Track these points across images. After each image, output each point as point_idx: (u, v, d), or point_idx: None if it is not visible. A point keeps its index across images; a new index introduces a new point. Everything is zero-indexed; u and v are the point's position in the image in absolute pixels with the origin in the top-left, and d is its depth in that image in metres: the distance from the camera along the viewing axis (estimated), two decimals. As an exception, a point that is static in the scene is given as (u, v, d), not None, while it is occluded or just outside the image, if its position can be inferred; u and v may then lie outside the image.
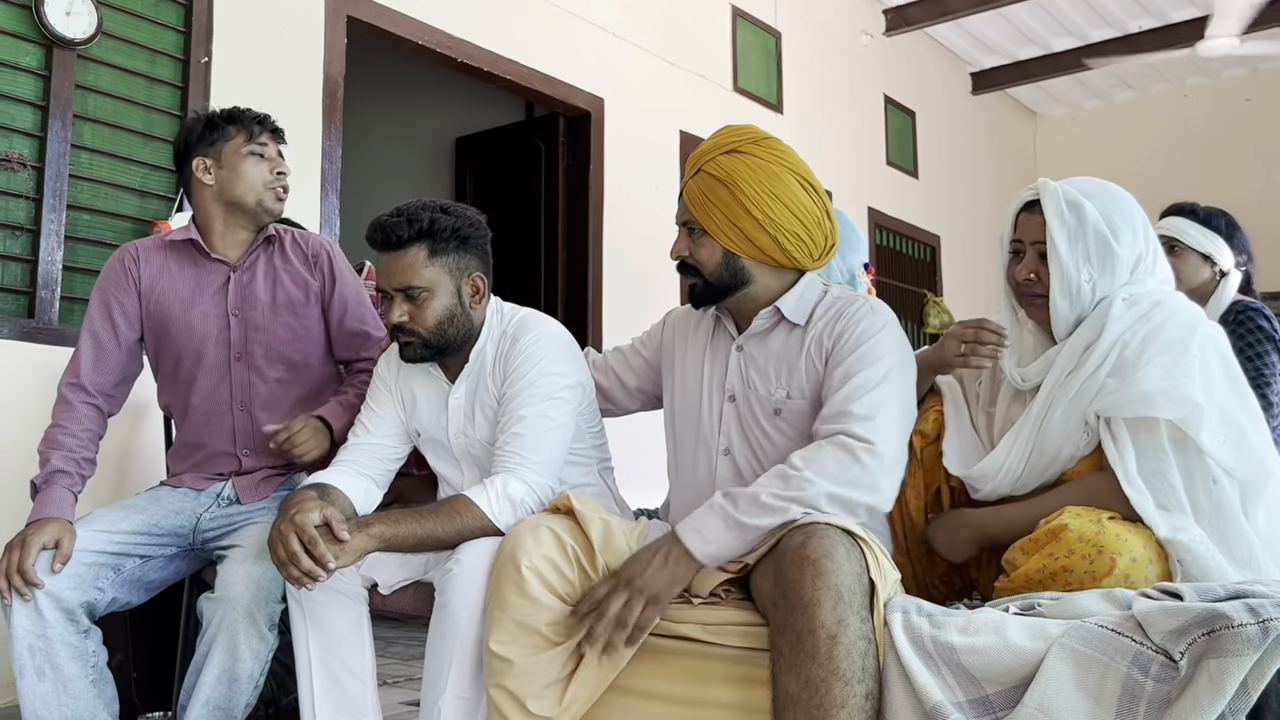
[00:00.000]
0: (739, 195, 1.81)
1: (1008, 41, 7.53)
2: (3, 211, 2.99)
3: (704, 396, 1.95)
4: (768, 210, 1.81)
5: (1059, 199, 1.78)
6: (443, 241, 1.91)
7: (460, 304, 1.94)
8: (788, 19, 6.13)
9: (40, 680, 1.85)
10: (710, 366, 1.96)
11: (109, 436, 2.18)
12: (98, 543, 1.95)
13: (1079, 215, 1.77)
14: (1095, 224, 1.77)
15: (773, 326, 1.89)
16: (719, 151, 1.85)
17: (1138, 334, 1.73)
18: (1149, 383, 1.67)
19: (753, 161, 1.83)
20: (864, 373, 1.74)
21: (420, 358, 1.95)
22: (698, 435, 1.95)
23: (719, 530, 1.63)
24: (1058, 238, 1.77)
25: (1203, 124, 7.97)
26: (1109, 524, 1.61)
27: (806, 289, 1.90)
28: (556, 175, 5.05)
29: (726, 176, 1.83)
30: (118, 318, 2.17)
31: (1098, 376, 1.74)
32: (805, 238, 1.84)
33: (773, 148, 1.86)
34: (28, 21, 3.05)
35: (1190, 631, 1.32)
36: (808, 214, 1.84)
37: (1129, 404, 1.68)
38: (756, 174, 1.82)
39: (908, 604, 1.54)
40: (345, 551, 1.71)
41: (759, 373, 1.89)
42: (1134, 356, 1.71)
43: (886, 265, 6.92)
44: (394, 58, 4.74)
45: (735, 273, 1.87)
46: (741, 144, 1.85)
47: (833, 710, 1.42)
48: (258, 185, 2.17)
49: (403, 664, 3.64)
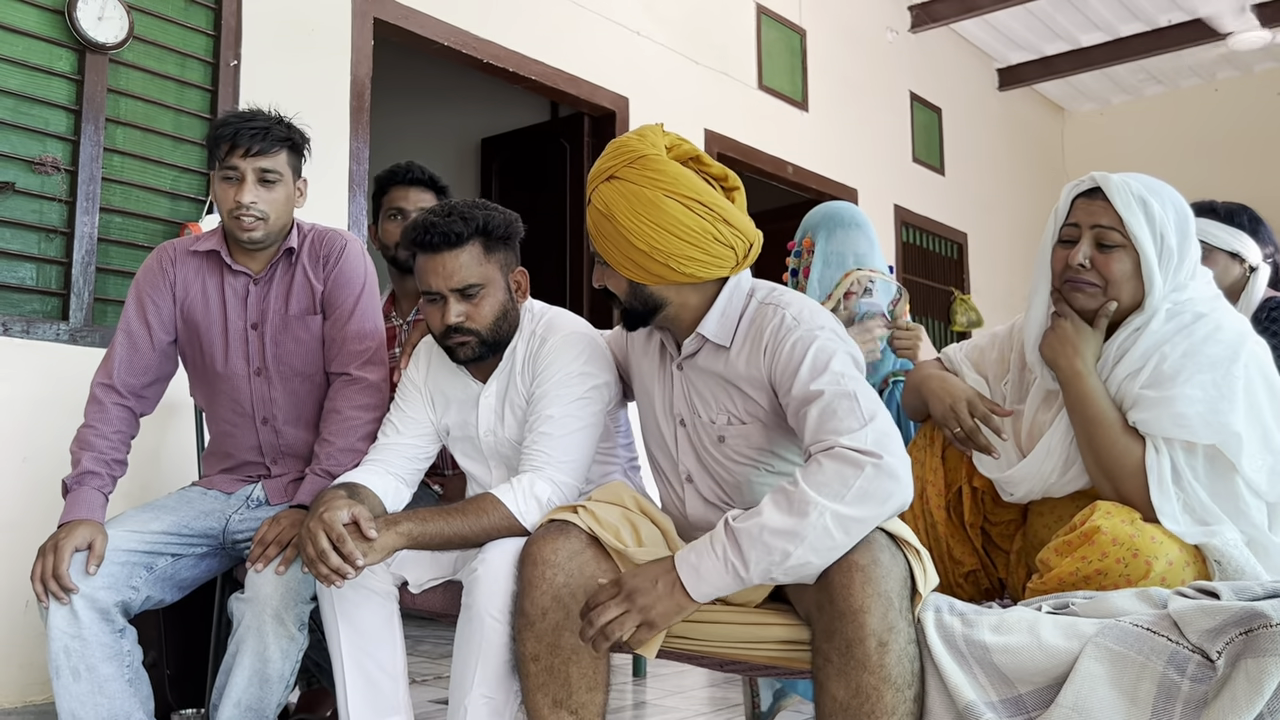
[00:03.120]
0: (620, 229, 1.72)
1: (1035, 37, 7.47)
2: (37, 215, 3.03)
3: (660, 420, 1.90)
4: (650, 241, 1.70)
5: (1127, 191, 1.70)
6: (495, 238, 1.91)
7: (510, 299, 1.96)
8: (812, 16, 6.11)
9: (76, 681, 1.87)
10: (662, 388, 1.89)
11: (140, 436, 2.19)
12: (130, 542, 1.97)
13: (1147, 210, 1.70)
14: (1161, 222, 1.69)
15: (700, 348, 1.81)
16: (600, 179, 1.76)
17: (1178, 347, 1.66)
18: (1188, 404, 1.62)
19: (627, 189, 1.71)
20: (824, 386, 1.60)
21: (478, 357, 1.94)
22: (664, 459, 1.91)
23: (717, 573, 1.49)
24: (1134, 226, 1.68)
25: (1234, 119, 7.87)
26: (1144, 526, 1.58)
27: (729, 303, 1.78)
28: (582, 175, 5.06)
29: (605, 209, 1.74)
30: (152, 319, 2.16)
31: (1130, 385, 1.69)
32: (701, 256, 1.72)
33: (647, 168, 1.71)
34: (60, 27, 3.08)
35: (1227, 630, 1.30)
36: (696, 234, 1.70)
37: (1166, 424, 1.63)
38: (631, 202, 1.71)
39: (940, 603, 1.53)
40: (373, 549, 1.71)
41: (699, 397, 1.81)
42: (1172, 371, 1.65)
43: (913, 263, 6.88)
44: (420, 59, 4.77)
45: (645, 300, 1.78)
46: (618, 169, 1.73)
47: (882, 717, 1.40)
48: (225, 214, 2.11)
49: (431, 662, 3.66)
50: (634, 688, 3.37)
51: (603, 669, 1.66)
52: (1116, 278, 1.71)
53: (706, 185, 1.75)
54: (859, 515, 1.45)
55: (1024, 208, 8.16)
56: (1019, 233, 8.04)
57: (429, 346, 2.10)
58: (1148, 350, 1.69)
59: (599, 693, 1.65)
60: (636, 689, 3.35)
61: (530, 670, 1.63)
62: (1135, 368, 1.69)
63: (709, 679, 3.49)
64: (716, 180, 1.80)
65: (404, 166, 2.79)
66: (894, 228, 6.66)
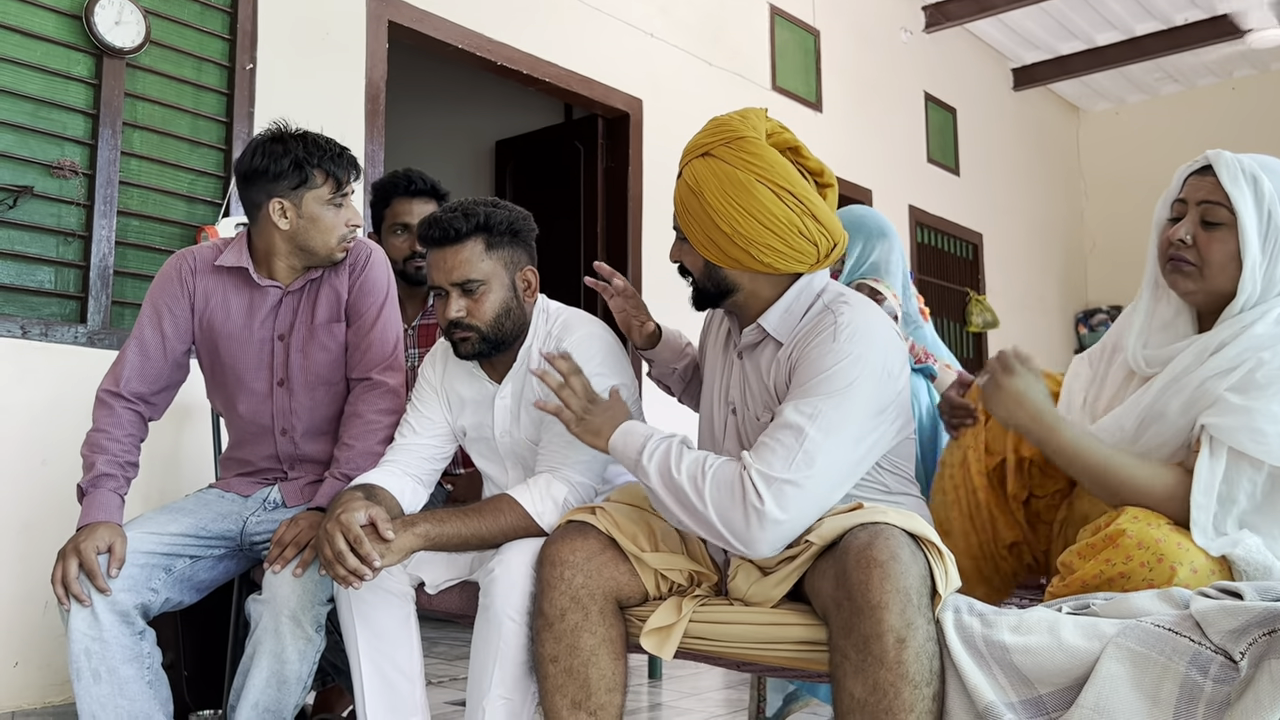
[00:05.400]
0: (706, 207, 1.70)
1: (1049, 36, 7.44)
2: (55, 218, 3.05)
3: (715, 404, 1.89)
4: (735, 224, 1.68)
5: (1237, 166, 1.61)
6: (498, 235, 1.92)
7: (515, 297, 1.96)
8: (826, 17, 6.10)
9: (97, 683, 1.87)
10: (722, 372, 1.89)
11: (157, 439, 2.20)
12: (149, 544, 1.97)
13: (1256, 188, 1.59)
14: (1271, 201, 1.59)
15: (760, 341, 1.79)
16: (695, 154, 1.74)
17: (1279, 356, 1.54)
18: (1269, 422, 1.51)
19: (720, 169, 1.69)
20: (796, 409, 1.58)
21: (478, 353, 1.95)
22: (710, 444, 1.90)
23: (632, 446, 1.68)
24: (1238, 200, 1.58)
25: (1251, 117, 7.82)
26: (1169, 531, 1.54)
27: (796, 300, 1.75)
28: (596, 177, 5.06)
29: (696, 185, 1.72)
30: (168, 328, 2.15)
31: (1217, 384, 1.57)
32: (782, 248, 1.69)
33: (744, 150, 1.69)
34: (78, 31, 3.10)
35: (1251, 631, 1.29)
36: (781, 224, 1.68)
37: (1240, 436, 1.53)
38: (722, 183, 1.68)
39: (959, 603, 1.51)
40: (390, 551, 1.72)
41: (750, 388, 1.80)
42: (1266, 381, 1.53)
43: (928, 264, 6.86)
44: (434, 62, 4.78)
45: (718, 282, 1.78)
46: (714, 146, 1.71)
47: (901, 714, 1.39)
48: (332, 240, 2.11)
49: (447, 664, 3.66)
50: (649, 689, 3.37)
51: (621, 670, 1.66)
52: (1217, 259, 1.61)
53: (800, 177, 1.73)
54: (702, 513, 1.57)
55: (1039, 208, 8.13)
56: (1034, 233, 8.02)
57: (445, 348, 2.10)
58: (1245, 351, 1.57)
59: (617, 694, 1.65)
60: (652, 690, 3.35)
61: (549, 671, 1.63)
62: (1228, 366, 1.57)
63: (724, 681, 3.48)
64: (812, 174, 1.78)
65: (404, 176, 2.76)
66: (909, 228, 6.64)
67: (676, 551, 1.75)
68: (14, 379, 2.88)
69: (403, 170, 2.81)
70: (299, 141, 2.09)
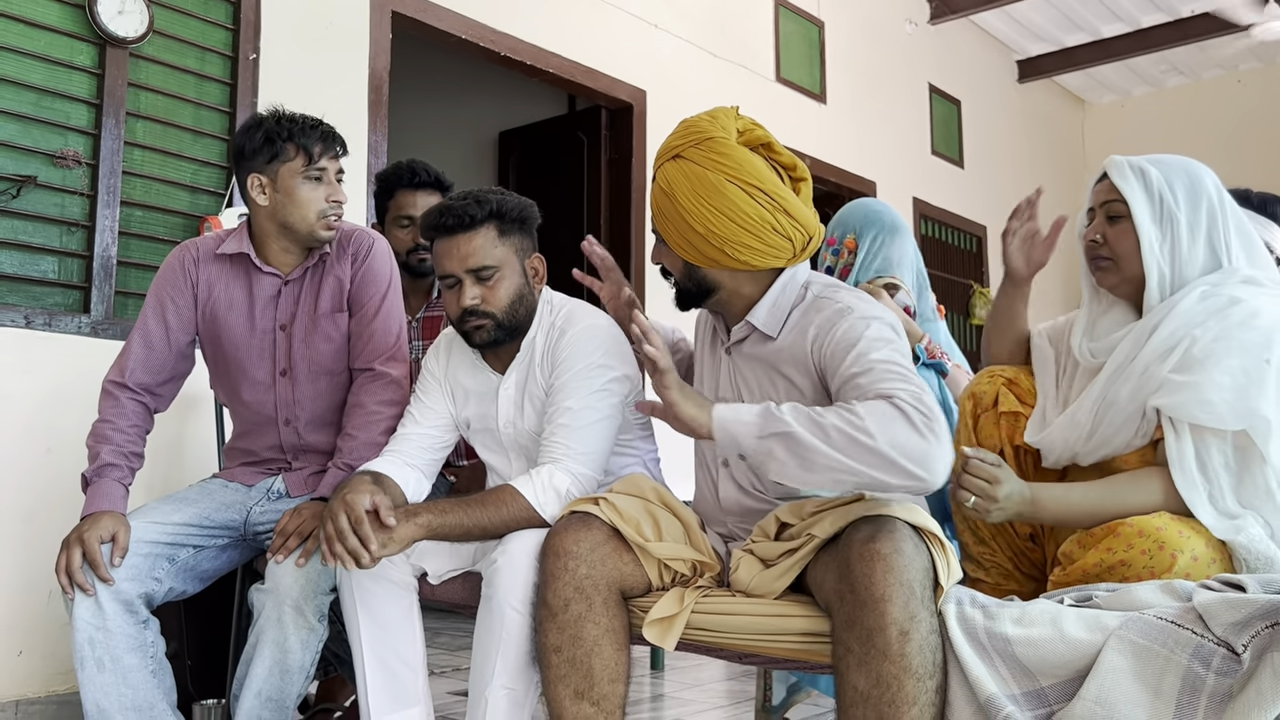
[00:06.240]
0: (680, 209, 1.72)
1: (1055, 28, 7.41)
2: (59, 208, 3.04)
3: None
4: (708, 224, 1.70)
5: (1124, 165, 1.78)
6: (510, 222, 1.93)
7: (526, 284, 1.97)
8: (830, 8, 6.08)
9: (100, 672, 1.88)
10: (712, 371, 1.90)
11: (162, 429, 2.20)
12: (152, 534, 1.98)
13: (1145, 178, 1.75)
14: (1160, 187, 1.73)
15: (748, 336, 1.82)
16: (666, 157, 1.76)
17: (1210, 330, 1.64)
18: (1215, 390, 1.60)
19: (691, 170, 1.71)
20: (876, 361, 1.58)
21: (494, 340, 1.94)
22: (706, 443, 1.88)
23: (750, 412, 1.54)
24: (1128, 192, 1.74)
25: (1257, 111, 7.79)
26: (1170, 520, 1.57)
27: (782, 294, 1.78)
28: (599, 168, 5.05)
29: (669, 188, 1.74)
30: (171, 318, 2.16)
31: (1160, 368, 1.66)
32: (757, 245, 1.71)
33: (713, 150, 1.71)
34: (81, 21, 3.10)
35: (1253, 624, 1.29)
36: (754, 222, 1.70)
37: (1192, 409, 1.61)
38: (694, 185, 1.71)
39: (961, 595, 1.52)
40: (392, 540, 1.72)
41: (744, 384, 1.82)
42: (1202, 355, 1.63)
43: (932, 256, 6.85)
44: (438, 52, 4.77)
45: (699, 282, 1.79)
46: (684, 148, 1.73)
47: (904, 707, 1.39)
48: (310, 214, 2.10)
49: (449, 654, 3.67)
50: (651, 680, 3.38)
51: (624, 660, 1.66)
52: (1124, 249, 1.76)
53: (772, 174, 1.74)
54: (873, 448, 1.45)
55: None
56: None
57: (449, 339, 2.10)
58: (1179, 330, 1.67)
59: (620, 684, 1.65)
60: (654, 681, 3.36)
61: (552, 661, 1.63)
62: (1165, 348, 1.67)
63: (726, 672, 3.49)
64: (785, 169, 1.79)
65: (408, 168, 2.76)
66: (913, 221, 6.63)
67: (679, 542, 1.75)
68: (18, 369, 2.88)
69: (406, 161, 2.80)
70: (273, 118, 2.11)
